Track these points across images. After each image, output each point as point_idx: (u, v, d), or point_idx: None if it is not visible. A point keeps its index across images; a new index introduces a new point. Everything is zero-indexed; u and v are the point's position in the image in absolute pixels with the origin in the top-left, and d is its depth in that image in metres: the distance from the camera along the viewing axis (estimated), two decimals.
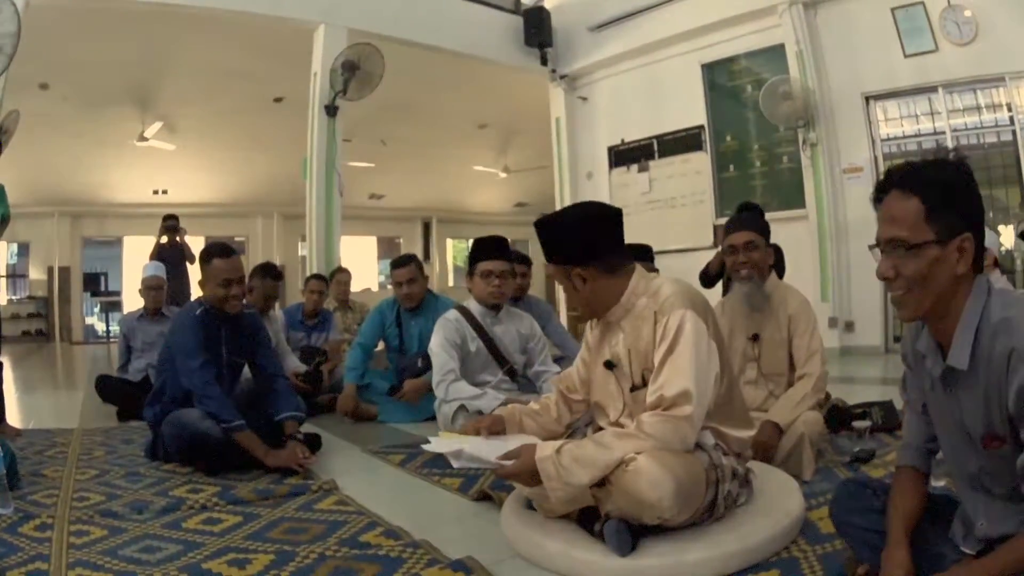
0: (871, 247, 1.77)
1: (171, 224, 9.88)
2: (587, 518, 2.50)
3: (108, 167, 14.24)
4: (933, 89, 8.19)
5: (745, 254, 3.75)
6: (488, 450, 2.56)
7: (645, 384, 2.58)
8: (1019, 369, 1.55)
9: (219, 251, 4.04)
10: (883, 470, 3.35)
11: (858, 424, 3.96)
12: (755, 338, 3.80)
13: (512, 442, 2.62)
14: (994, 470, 1.72)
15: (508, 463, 2.47)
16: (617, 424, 2.65)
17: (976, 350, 1.65)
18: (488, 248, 4.53)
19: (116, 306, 15.21)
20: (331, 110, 9.10)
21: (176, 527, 2.93)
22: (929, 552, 1.85)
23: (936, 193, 1.66)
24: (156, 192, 15.36)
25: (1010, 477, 1.67)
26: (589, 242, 2.67)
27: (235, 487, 3.51)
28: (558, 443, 2.46)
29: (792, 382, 3.69)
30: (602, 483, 2.39)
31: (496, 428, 2.82)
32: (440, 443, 2.68)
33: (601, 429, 2.80)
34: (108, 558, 2.57)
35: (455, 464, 2.58)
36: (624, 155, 11.19)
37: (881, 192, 1.75)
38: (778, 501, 2.68)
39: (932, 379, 1.81)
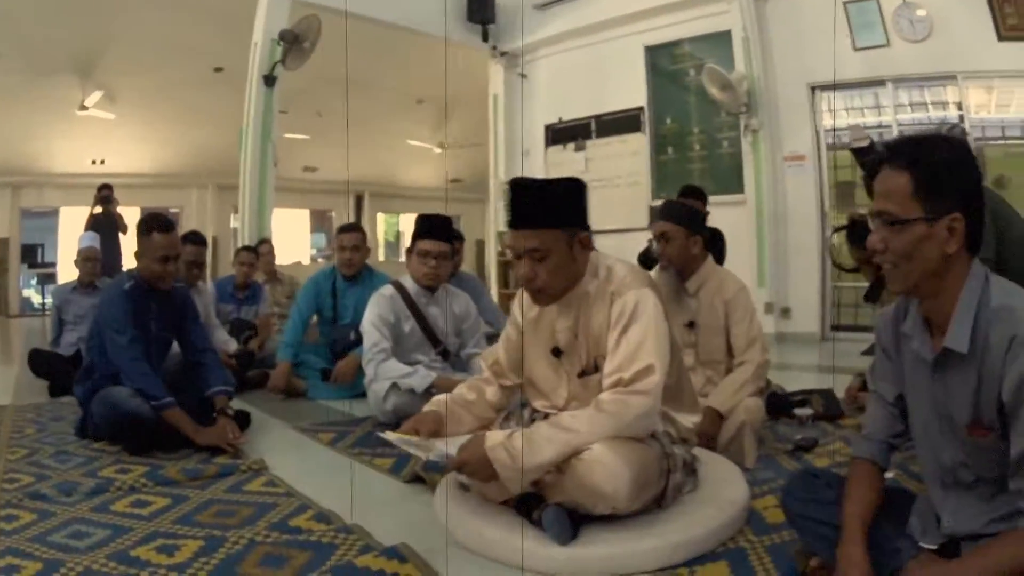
0: (868, 215, 1.77)
1: (105, 194, 9.80)
2: (525, 505, 2.39)
3: (48, 136, 13.85)
4: (881, 83, 8.23)
5: (660, 245, 3.69)
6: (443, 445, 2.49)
7: (597, 370, 2.47)
8: (1020, 356, 1.53)
9: (160, 225, 3.84)
10: (827, 459, 3.34)
11: (800, 412, 3.95)
12: (691, 325, 3.70)
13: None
14: (973, 461, 1.69)
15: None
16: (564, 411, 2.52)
17: (974, 334, 1.62)
18: (430, 227, 4.35)
19: (52, 278, 14.77)
20: (269, 80, 8.83)
21: (104, 510, 2.82)
22: (886, 548, 1.79)
23: (926, 170, 1.64)
24: (94, 162, 14.95)
25: (987, 468, 1.65)
26: (584, 207, 2.53)
27: (163, 467, 3.38)
28: (507, 431, 2.35)
29: (731, 369, 3.61)
30: (549, 472, 2.29)
31: (434, 428, 2.66)
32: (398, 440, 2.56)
33: (536, 411, 2.70)
34: (37, 545, 2.45)
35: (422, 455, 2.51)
36: (561, 134, 11.11)
37: (877, 166, 1.73)
38: (723, 489, 2.63)
39: (917, 362, 1.78)
